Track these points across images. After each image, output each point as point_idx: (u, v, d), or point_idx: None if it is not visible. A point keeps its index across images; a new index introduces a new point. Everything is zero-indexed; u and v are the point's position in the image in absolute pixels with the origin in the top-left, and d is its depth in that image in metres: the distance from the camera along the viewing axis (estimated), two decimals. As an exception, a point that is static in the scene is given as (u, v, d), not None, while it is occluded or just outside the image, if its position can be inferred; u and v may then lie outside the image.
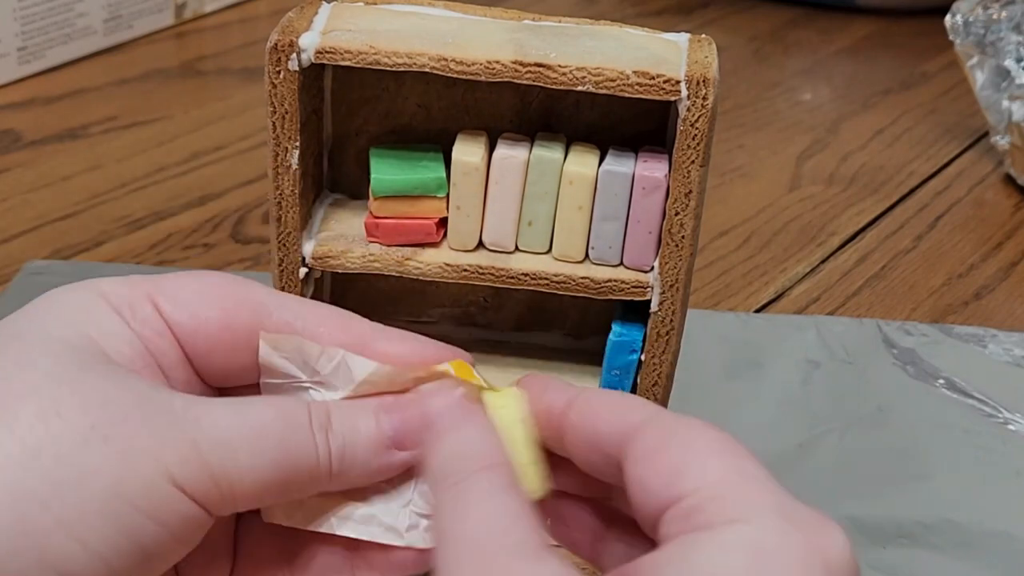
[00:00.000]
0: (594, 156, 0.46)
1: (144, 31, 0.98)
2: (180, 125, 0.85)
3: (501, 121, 0.49)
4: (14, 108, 0.86)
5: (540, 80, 0.44)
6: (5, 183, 0.77)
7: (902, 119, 0.93)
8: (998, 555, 0.53)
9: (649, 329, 0.48)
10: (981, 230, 0.78)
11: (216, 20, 1.03)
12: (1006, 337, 0.66)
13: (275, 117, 0.46)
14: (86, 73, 0.92)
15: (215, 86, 0.93)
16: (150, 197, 0.76)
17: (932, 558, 0.52)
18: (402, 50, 0.44)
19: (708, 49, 0.46)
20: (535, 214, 0.47)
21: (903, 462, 0.57)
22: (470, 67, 0.44)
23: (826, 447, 0.58)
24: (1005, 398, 0.61)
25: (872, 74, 1.00)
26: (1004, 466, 0.58)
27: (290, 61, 0.45)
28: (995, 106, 0.81)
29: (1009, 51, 0.80)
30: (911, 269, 0.74)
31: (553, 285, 0.47)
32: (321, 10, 0.47)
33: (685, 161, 0.45)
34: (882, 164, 0.86)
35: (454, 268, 0.47)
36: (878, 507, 0.55)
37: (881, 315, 0.69)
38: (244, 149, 0.83)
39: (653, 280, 0.47)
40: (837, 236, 0.77)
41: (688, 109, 0.44)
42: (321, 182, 0.51)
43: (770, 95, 0.96)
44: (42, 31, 0.89)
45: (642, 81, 0.44)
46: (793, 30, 1.08)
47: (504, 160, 0.46)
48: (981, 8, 0.82)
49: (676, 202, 0.45)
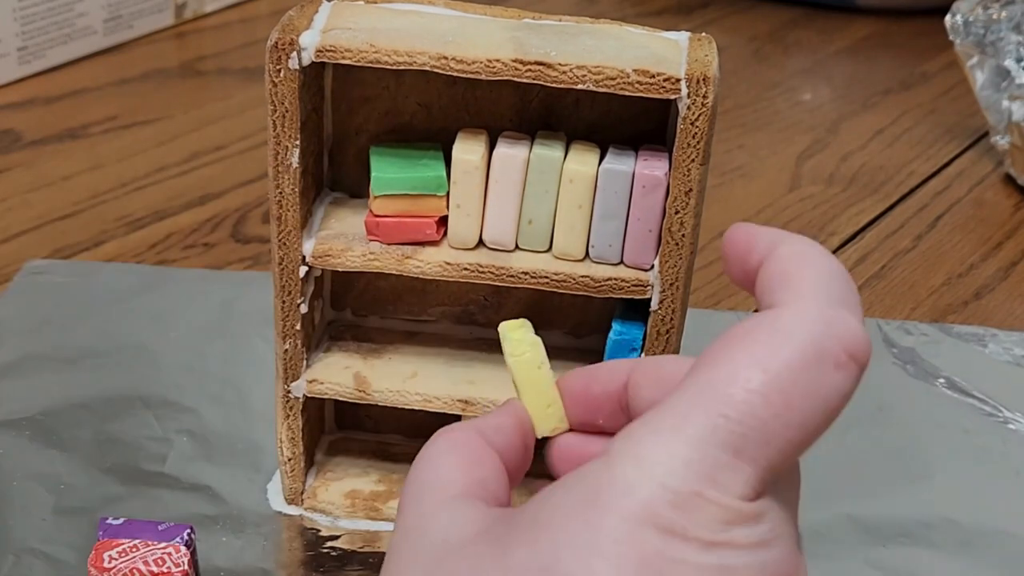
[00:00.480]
0: (594, 154, 0.46)
1: (144, 31, 0.97)
2: (180, 125, 0.85)
3: (501, 120, 0.49)
4: (14, 108, 0.86)
5: (540, 78, 0.44)
6: (5, 183, 0.77)
7: (902, 119, 0.93)
8: (998, 555, 0.52)
9: (649, 328, 0.48)
10: (981, 230, 0.78)
11: (216, 20, 1.03)
12: (1006, 337, 0.66)
13: (275, 116, 0.46)
14: (86, 73, 0.92)
15: (215, 86, 0.93)
16: (150, 197, 0.76)
17: (932, 557, 0.52)
18: (402, 49, 0.44)
19: (708, 48, 0.46)
20: (535, 213, 0.47)
21: (903, 462, 0.57)
22: (470, 66, 0.44)
23: (826, 446, 0.58)
24: (1005, 398, 0.61)
25: (872, 74, 1.00)
26: (1004, 466, 0.58)
27: (290, 60, 0.45)
28: (995, 106, 0.81)
29: (1009, 51, 0.80)
30: (911, 269, 0.74)
31: (553, 284, 0.47)
32: (321, 9, 0.47)
33: (685, 160, 0.45)
34: (882, 164, 0.86)
35: (454, 267, 0.47)
36: (878, 507, 0.55)
37: (881, 315, 0.69)
38: (244, 149, 0.83)
39: (653, 279, 0.47)
40: (837, 236, 0.77)
41: (688, 107, 0.44)
42: (321, 181, 0.51)
43: (770, 95, 0.96)
44: (42, 31, 0.89)
45: (642, 79, 0.44)
46: (793, 30, 1.08)
47: (504, 158, 0.46)
48: (981, 8, 0.82)
49: (676, 201, 0.45)
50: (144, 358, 0.61)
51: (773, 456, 0.30)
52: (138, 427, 0.57)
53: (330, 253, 0.48)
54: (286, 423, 0.51)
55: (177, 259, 0.70)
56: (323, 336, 0.53)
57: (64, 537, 0.50)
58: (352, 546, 0.51)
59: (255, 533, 0.51)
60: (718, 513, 0.29)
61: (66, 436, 0.56)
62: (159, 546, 0.46)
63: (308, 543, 0.51)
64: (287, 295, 0.48)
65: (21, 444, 0.55)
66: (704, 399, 0.30)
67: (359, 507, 0.52)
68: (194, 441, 0.56)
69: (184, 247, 0.71)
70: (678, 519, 0.29)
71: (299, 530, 0.52)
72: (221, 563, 0.50)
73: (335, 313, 0.54)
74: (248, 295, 0.65)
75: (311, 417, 0.53)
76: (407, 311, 0.54)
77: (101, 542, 0.46)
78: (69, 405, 0.58)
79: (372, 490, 0.53)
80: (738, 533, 0.29)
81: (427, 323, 0.54)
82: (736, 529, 0.29)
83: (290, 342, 0.49)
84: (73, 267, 0.68)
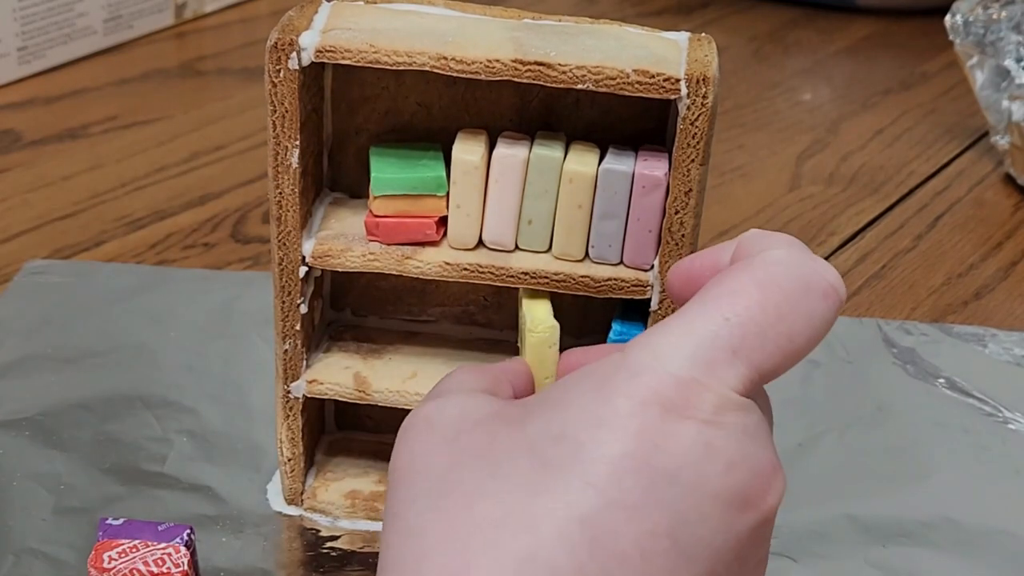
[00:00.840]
0: (594, 154, 0.46)
1: (144, 31, 0.98)
2: (180, 125, 0.85)
3: (501, 120, 0.49)
4: (14, 108, 0.86)
5: (540, 79, 0.44)
6: (5, 183, 0.77)
7: (902, 119, 0.93)
8: (998, 554, 0.52)
9: (649, 328, 0.48)
10: (981, 230, 0.78)
11: (216, 20, 1.03)
12: (1006, 337, 0.66)
13: (275, 116, 0.46)
14: (86, 73, 0.92)
15: (215, 86, 0.93)
16: (150, 197, 0.76)
17: (932, 557, 0.52)
18: (402, 49, 0.44)
19: (708, 48, 0.46)
20: (535, 213, 0.47)
21: (903, 461, 0.57)
22: (470, 66, 0.44)
23: (826, 446, 0.58)
24: (1005, 397, 0.61)
25: (872, 74, 1.00)
26: (1004, 465, 0.57)
27: (290, 60, 0.45)
28: (995, 106, 0.81)
29: (1009, 51, 0.80)
30: (911, 269, 0.74)
31: (553, 284, 0.47)
32: (321, 9, 0.47)
33: (685, 160, 0.45)
34: (882, 164, 0.86)
35: (454, 267, 0.47)
36: (878, 506, 0.55)
37: (881, 314, 0.69)
38: (244, 149, 0.83)
39: (653, 279, 0.47)
40: (837, 236, 0.77)
41: (688, 108, 0.44)
42: (321, 181, 0.51)
43: (770, 95, 0.96)
44: (42, 31, 0.89)
45: (642, 80, 0.44)
46: (793, 30, 1.08)
47: (504, 159, 0.46)
48: (981, 8, 0.82)
49: (676, 201, 0.45)
50: (144, 358, 0.61)
51: (764, 361, 0.35)
52: (138, 427, 0.57)
53: (330, 253, 0.48)
54: (286, 423, 0.51)
55: (177, 259, 0.70)
56: (323, 336, 0.53)
57: (64, 537, 0.50)
58: (352, 546, 0.51)
59: (255, 533, 0.51)
60: (712, 399, 0.34)
61: (66, 436, 0.56)
62: (159, 546, 0.46)
63: (308, 543, 0.51)
64: (287, 295, 0.48)
65: (21, 444, 0.55)
66: (710, 307, 0.35)
67: (359, 507, 0.52)
68: (194, 441, 0.56)
69: (184, 247, 0.71)
70: (678, 399, 0.33)
71: (299, 530, 0.52)
72: (221, 563, 0.50)
73: (335, 313, 0.54)
74: (248, 295, 0.65)
75: (311, 417, 0.53)
76: (407, 311, 0.54)
77: (101, 542, 0.46)
78: (69, 405, 0.58)
79: (372, 490, 0.53)
80: (727, 418, 0.34)
81: (427, 323, 0.54)
82: (726, 415, 0.34)
83: (290, 342, 0.49)
84: (73, 267, 0.68)
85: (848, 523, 0.54)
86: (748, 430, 0.34)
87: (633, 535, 0.33)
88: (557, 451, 0.33)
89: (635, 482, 0.33)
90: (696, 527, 0.33)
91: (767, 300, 0.35)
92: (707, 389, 0.34)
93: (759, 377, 0.35)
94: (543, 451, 0.34)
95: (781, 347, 0.35)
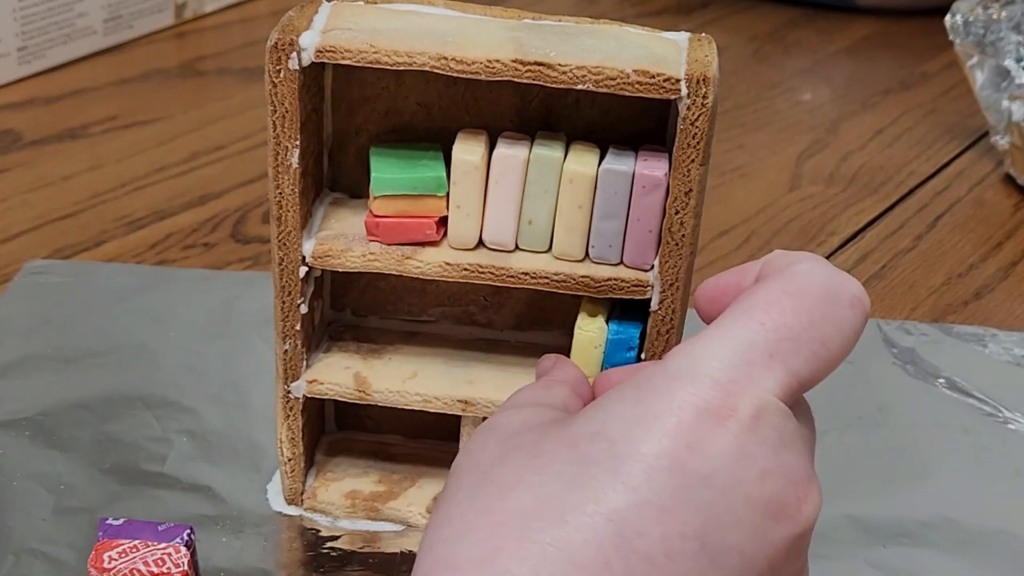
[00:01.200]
0: (594, 155, 0.46)
1: (144, 31, 0.98)
2: (180, 125, 0.85)
3: (501, 120, 0.49)
4: (14, 108, 0.86)
5: (540, 79, 0.44)
6: (5, 183, 0.77)
7: (902, 119, 0.93)
8: (998, 554, 0.52)
9: (649, 328, 0.48)
10: (981, 230, 0.78)
11: (216, 20, 1.03)
12: (1006, 337, 0.66)
13: (275, 116, 0.46)
14: (86, 73, 0.92)
15: (215, 86, 0.93)
16: (150, 197, 0.76)
17: (932, 557, 0.52)
18: (402, 49, 0.44)
19: (708, 48, 0.46)
20: (535, 213, 0.47)
21: (903, 462, 0.57)
22: (470, 66, 0.44)
23: (826, 446, 0.58)
24: (1005, 397, 0.61)
25: (872, 74, 1.00)
26: (1004, 466, 0.57)
27: (290, 60, 0.45)
28: (995, 106, 0.81)
29: (1009, 51, 0.80)
30: (911, 269, 0.74)
31: (553, 284, 0.47)
32: (321, 9, 0.47)
33: (685, 160, 0.45)
34: (882, 164, 0.86)
35: (454, 267, 0.48)
36: (878, 506, 0.55)
37: (881, 314, 0.69)
38: (244, 149, 0.83)
39: (653, 279, 0.47)
40: (837, 236, 0.77)
41: (688, 108, 0.44)
42: (321, 181, 0.51)
43: (770, 95, 0.96)
44: (42, 31, 0.89)
45: (642, 80, 0.44)
46: (793, 30, 1.08)
47: (504, 159, 0.46)
48: (981, 8, 0.82)
49: (676, 201, 0.45)
50: (144, 358, 0.61)
51: (800, 366, 0.35)
52: (138, 427, 0.57)
53: (330, 253, 0.48)
54: (286, 423, 0.51)
55: (177, 259, 0.70)
56: (323, 336, 0.53)
57: (64, 537, 0.50)
58: (352, 546, 0.51)
59: (255, 533, 0.51)
60: (750, 402, 0.34)
61: (66, 436, 0.56)
62: (159, 546, 0.46)
63: (308, 543, 0.51)
64: (287, 295, 0.48)
65: (21, 444, 0.55)
66: (745, 316, 0.36)
67: (359, 507, 0.52)
68: (194, 441, 0.56)
69: (184, 247, 0.71)
70: (714, 402, 0.34)
71: (299, 530, 0.52)
72: (221, 563, 0.50)
73: (335, 313, 0.54)
74: (248, 295, 0.65)
75: (311, 417, 0.53)
76: (407, 311, 0.54)
77: (101, 542, 0.46)
78: (69, 405, 0.58)
79: (372, 490, 0.53)
80: (764, 423, 0.34)
81: (427, 323, 0.54)
82: (763, 420, 0.34)
83: (290, 342, 0.49)
84: (73, 267, 0.68)
85: (848, 523, 0.54)
86: (784, 438, 0.35)
87: (661, 535, 0.33)
88: (593, 448, 0.34)
89: (667, 482, 0.33)
90: (727, 532, 0.33)
91: (798, 307, 0.36)
92: (745, 392, 0.34)
93: (797, 384, 0.36)
94: (581, 448, 0.34)
95: (815, 352, 0.36)
